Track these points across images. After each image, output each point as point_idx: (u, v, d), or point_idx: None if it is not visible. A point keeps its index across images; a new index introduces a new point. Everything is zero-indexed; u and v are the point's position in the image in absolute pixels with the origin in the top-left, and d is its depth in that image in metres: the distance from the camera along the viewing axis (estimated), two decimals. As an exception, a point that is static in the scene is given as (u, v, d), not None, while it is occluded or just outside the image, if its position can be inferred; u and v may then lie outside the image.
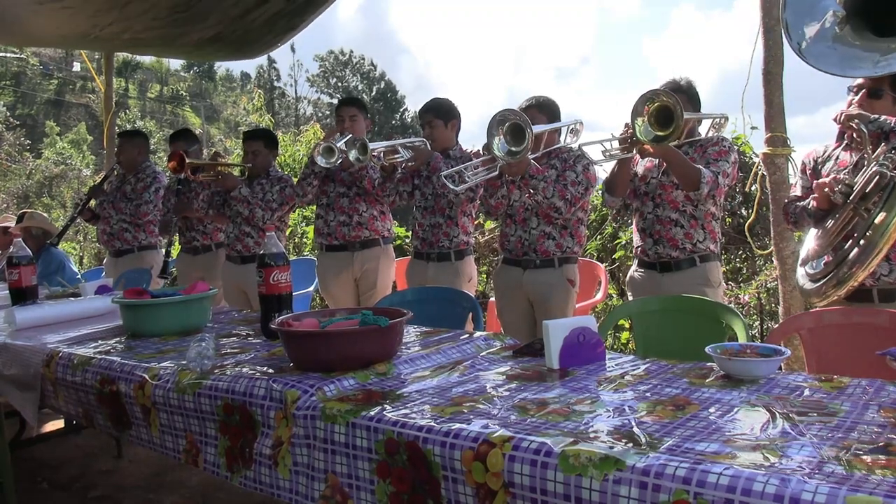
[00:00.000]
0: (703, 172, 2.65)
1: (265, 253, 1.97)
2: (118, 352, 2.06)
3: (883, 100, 2.32)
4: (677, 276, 2.78)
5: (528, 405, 1.34)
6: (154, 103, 39.14)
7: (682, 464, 0.99)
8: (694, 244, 2.78)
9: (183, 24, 4.78)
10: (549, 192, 2.92)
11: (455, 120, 3.56)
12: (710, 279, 2.78)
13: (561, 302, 3.02)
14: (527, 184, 2.94)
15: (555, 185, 2.93)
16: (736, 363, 1.48)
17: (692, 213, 2.79)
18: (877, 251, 2.09)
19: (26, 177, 17.92)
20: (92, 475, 3.28)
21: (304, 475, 1.43)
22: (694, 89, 2.85)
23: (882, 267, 2.25)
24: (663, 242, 2.81)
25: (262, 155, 3.98)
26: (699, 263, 2.78)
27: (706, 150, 2.79)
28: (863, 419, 1.18)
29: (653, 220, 2.84)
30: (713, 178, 2.67)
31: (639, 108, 2.50)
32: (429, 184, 3.45)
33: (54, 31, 5.02)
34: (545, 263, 3.03)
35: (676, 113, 2.41)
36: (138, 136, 5.00)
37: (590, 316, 2.20)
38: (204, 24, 4.81)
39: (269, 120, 14.79)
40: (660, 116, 2.49)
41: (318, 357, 1.65)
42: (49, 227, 5.08)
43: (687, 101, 2.75)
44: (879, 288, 2.28)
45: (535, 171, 2.91)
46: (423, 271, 3.51)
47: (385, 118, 38.99)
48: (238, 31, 4.97)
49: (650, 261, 2.86)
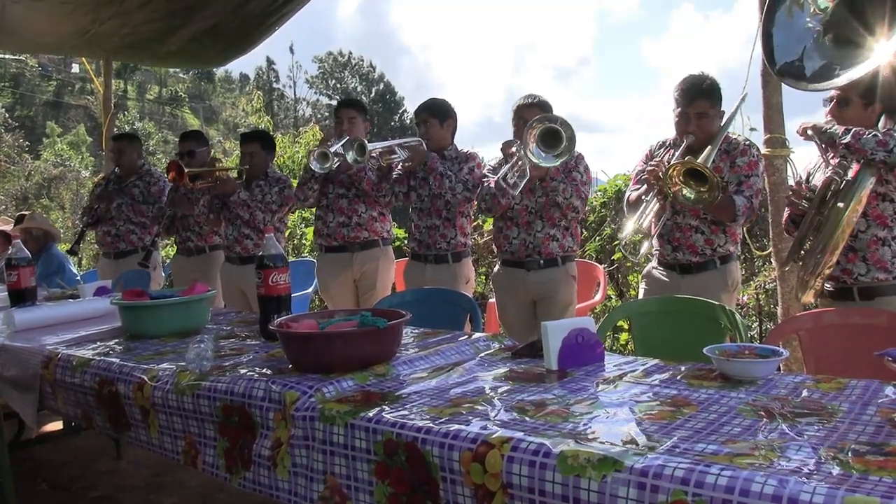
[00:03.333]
0: (738, 205, 2.57)
1: (264, 254, 1.97)
2: (117, 353, 2.06)
3: (851, 106, 2.40)
4: (696, 278, 2.74)
5: (527, 406, 1.34)
6: (153, 105, 39.10)
7: (680, 464, 0.99)
8: (714, 248, 2.73)
9: (181, 15, 4.74)
10: (567, 192, 2.93)
11: (451, 119, 3.56)
12: (727, 282, 2.73)
13: (567, 296, 3.05)
14: (547, 185, 2.94)
15: (572, 185, 2.95)
16: (734, 364, 1.48)
17: (713, 219, 2.71)
18: (836, 235, 2.31)
19: (25, 178, 17.92)
20: (91, 476, 3.28)
21: (302, 476, 1.43)
22: (717, 87, 2.70)
23: (859, 266, 2.39)
24: (682, 249, 2.75)
25: (258, 157, 3.97)
26: (719, 266, 2.73)
27: (735, 160, 2.68)
28: (861, 420, 1.18)
29: (672, 227, 2.77)
30: (748, 207, 2.60)
31: (673, 176, 2.52)
32: (425, 185, 3.45)
33: (53, 30, 4.99)
34: (549, 263, 3.05)
35: (707, 174, 2.45)
36: (135, 139, 4.98)
37: (588, 317, 2.20)
38: (202, 14, 4.77)
39: (267, 121, 14.81)
40: (690, 175, 2.51)
41: (316, 358, 1.65)
42: (49, 229, 5.08)
43: (710, 106, 2.67)
44: (859, 287, 2.40)
45: (556, 172, 2.92)
46: (420, 273, 3.51)
47: (384, 119, 38.98)
48: (236, 20, 4.91)
49: (670, 263, 2.82)
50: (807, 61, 2.47)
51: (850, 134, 2.27)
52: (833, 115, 2.42)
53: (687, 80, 2.69)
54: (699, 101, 2.66)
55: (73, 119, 32.10)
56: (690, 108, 2.66)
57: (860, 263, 2.38)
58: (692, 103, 2.66)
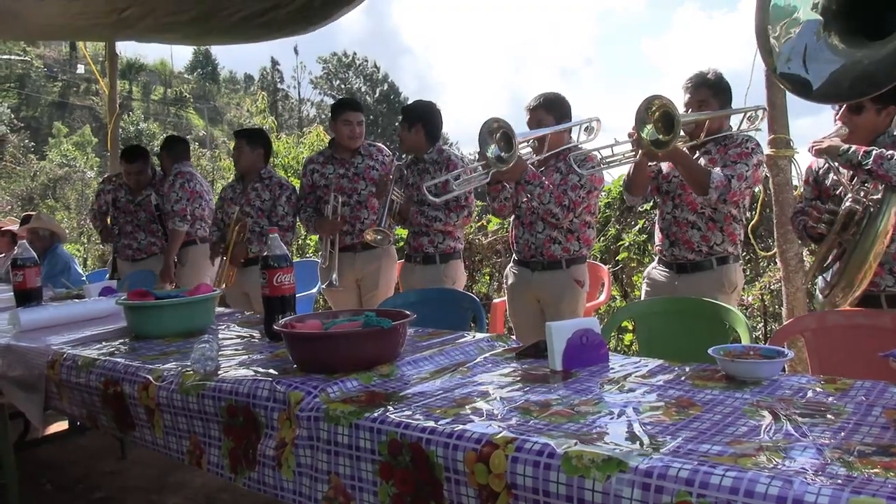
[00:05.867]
0: (713, 177, 2.54)
1: (269, 255, 1.98)
2: (122, 353, 2.07)
3: (864, 113, 2.32)
4: (692, 278, 2.74)
5: (531, 407, 1.34)
6: (158, 105, 39.21)
7: (684, 465, 0.99)
8: (711, 247, 2.72)
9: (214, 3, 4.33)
10: (545, 198, 2.91)
11: (419, 123, 3.47)
12: (724, 283, 2.72)
13: (571, 303, 3.02)
14: (523, 189, 2.94)
15: (552, 191, 2.91)
16: (739, 365, 1.48)
17: (711, 216, 2.71)
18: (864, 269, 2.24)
19: (31, 179, 17.98)
20: (96, 476, 3.29)
21: (307, 476, 1.43)
22: (723, 82, 2.73)
23: (886, 279, 2.34)
24: (679, 244, 2.76)
25: (244, 153, 3.92)
26: (715, 266, 2.72)
27: (728, 149, 2.69)
28: (866, 421, 1.17)
29: (671, 221, 2.80)
30: (724, 182, 2.55)
31: (643, 115, 2.46)
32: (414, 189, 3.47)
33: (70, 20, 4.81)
34: (552, 265, 3.03)
35: (676, 117, 2.38)
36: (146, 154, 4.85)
37: (593, 317, 2.20)
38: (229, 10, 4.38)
39: (272, 122, 14.82)
40: (665, 121, 2.45)
41: (321, 358, 1.65)
42: (56, 229, 5.09)
43: (712, 95, 2.69)
44: (887, 294, 2.34)
45: (532, 176, 2.90)
46: (410, 274, 3.54)
47: (388, 120, 39.00)
48: (296, 2, 4.33)
49: (668, 261, 2.83)
50: (811, 66, 2.19)
51: (872, 159, 2.17)
52: (843, 122, 2.35)
53: (695, 73, 2.77)
54: (702, 90, 2.70)
55: (78, 119, 32.20)
56: (694, 96, 2.71)
57: (887, 276, 2.32)
58: (695, 92, 2.71)
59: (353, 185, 3.72)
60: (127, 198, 4.69)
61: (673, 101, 2.43)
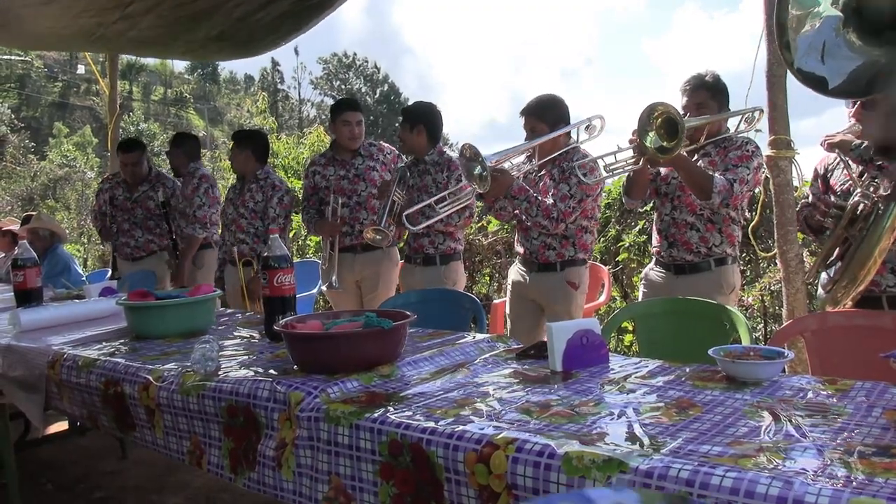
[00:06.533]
0: (716, 182, 2.55)
1: (269, 255, 1.98)
2: (123, 353, 2.07)
3: None
4: (690, 279, 2.74)
5: (532, 407, 1.34)
6: (158, 105, 39.25)
7: (685, 466, 0.99)
8: (709, 248, 2.72)
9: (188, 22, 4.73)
10: (532, 211, 2.92)
11: (421, 124, 3.47)
12: (722, 284, 2.72)
13: (564, 304, 3.01)
14: (511, 203, 2.97)
15: (539, 204, 2.91)
16: (740, 365, 1.48)
17: (709, 217, 2.72)
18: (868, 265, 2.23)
19: (31, 179, 17.99)
20: (96, 476, 3.29)
21: (307, 477, 1.43)
22: (720, 84, 2.74)
23: (887, 278, 2.34)
24: (677, 246, 2.76)
25: (234, 155, 3.97)
26: (714, 267, 2.73)
27: (728, 152, 2.69)
28: (866, 422, 1.18)
29: (669, 223, 2.80)
30: (726, 187, 2.56)
31: (645, 122, 2.46)
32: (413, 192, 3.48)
33: (59, 31, 4.97)
34: (546, 268, 3.03)
35: (680, 123, 2.39)
36: (142, 146, 4.88)
37: (593, 318, 2.19)
38: (209, 22, 4.78)
39: (272, 122, 14.83)
40: (668, 127, 2.45)
41: (321, 359, 1.65)
42: (56, 229, 5.09)
43: (710, 97, 2.70)
44: (888, 296, 2.34)
45: (518, 191, 2.93)
46: (410, 275, 3.54)
47: (389, 121, 39.01)
48: (242, 31, 4.92)
49: (665, 262, 2.83)
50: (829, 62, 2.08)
51: None
52: (857, 118, 2.34)
53: (692, 75, 2.78)
54: (700, 92, 2.71)
55: (78, 120, 32.23)
56: (692, 98, 2.72)
57: (889, 275, 2.33)
58: (694, 94, 2.72)
59: (353, 186, 3.72)
60: (124, 195, 4.68)
61: (676, 107, 2.44)
